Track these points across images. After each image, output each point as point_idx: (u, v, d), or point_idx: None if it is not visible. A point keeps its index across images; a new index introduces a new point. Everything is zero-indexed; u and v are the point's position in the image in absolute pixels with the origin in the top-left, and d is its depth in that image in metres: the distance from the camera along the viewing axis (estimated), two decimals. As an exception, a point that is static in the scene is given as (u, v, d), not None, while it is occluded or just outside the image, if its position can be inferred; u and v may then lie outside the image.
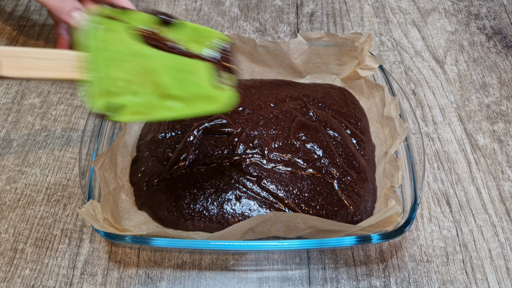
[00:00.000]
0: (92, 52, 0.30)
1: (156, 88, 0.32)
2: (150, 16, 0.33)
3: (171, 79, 0.32)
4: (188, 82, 0.32)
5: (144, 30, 0.32)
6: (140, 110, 0.31)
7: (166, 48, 0.32)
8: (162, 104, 0.32)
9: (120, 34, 0.32)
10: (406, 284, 0.44)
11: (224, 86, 0.33)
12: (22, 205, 0.49)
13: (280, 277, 0.45)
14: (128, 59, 0.32)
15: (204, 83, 0.33)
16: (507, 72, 0.62)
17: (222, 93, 0.33)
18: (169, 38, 0.33)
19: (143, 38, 0.32)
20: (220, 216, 0.45)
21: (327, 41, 0.53)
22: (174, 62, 0.32)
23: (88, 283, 0.44)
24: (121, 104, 0.31)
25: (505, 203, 0.49)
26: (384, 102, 0.50)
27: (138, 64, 0.32)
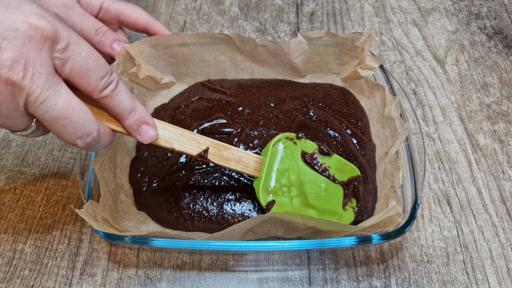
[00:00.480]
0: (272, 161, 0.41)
1: (302, 196, 0.43)
2: (315, 145, 0.45)
3: (314, 193, 0.43)
4: (326, 198, 0.43)
5: (308, 153, 0.45)
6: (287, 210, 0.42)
7: (319, 169, 0.44)
8: (303, 209, 0.43)
9: (293, 153, 0.44)
10: (407, 284, 0.44)
11: (349, 208, 0.44)
12: (21, 205, 0.49)
13: (280, 278, 0.44)
14: (293, 172, 0.43)
15: (337, 202, 0.44)
16: (508, 72, 0.62)
17: (347, 214, 0.44)
18: (322, 163, 0.45)
19: (304, 158, 0.44)
20: (220, 216, 0.45)
21: (327, 40, 0.53)
22: (321, 182, 0.44)
23: (87, 283, 0.44)
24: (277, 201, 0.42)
25: (505, 203, 0.49)
26: (384, 102, 0.50)
27: (296, 177, 0.43)
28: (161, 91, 0.57)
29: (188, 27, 0.68)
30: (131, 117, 0.35)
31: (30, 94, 0.29)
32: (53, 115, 0.30)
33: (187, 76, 0.57)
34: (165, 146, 0.39)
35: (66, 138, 0.32)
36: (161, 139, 0.38)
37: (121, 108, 0.35)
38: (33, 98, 0.29)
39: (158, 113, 0.54)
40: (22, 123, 0.31)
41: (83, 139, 0.33)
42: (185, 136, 0.40)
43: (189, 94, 0.55)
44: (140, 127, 0.36)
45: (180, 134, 0.40)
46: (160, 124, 0.39)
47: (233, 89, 0.56)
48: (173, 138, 0.39)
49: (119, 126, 0.36)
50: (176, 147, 0.39)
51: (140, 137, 0.37)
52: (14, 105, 0.29)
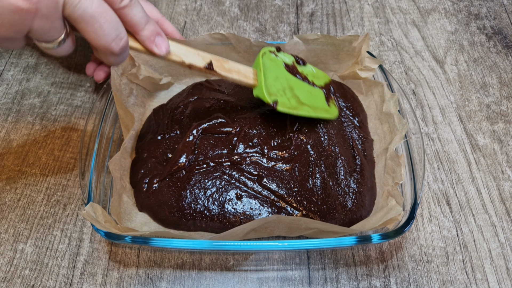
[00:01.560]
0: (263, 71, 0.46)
1: (295, 97, 0.48)
2: (291, 56, 0.51)
3: (303, 95, 0.49)
4: (313, 98, 0.50)
5: (288, 64, 0.50)
6: (290, 107, 0.46)
7: (300, 77, 0.50)
8: (300, 107, 0.48)
9: (277, 64, 0.49)
10: (406, 284, 0.44)
11: (331, 105, 0.51)
12: (22, 205, 0.49)
13: (280, 277, 0.45)
14: (282, 79, 0.48)
15: (322, 101, 0.51)
16: (507, 72, 0.62)
17: (332, 109, 0.51)
18: (301, 71, 0.51)
19: (287, 68, 0.50)
20: (221, 215, 0.45)
21: (323, 42, 0.53)
22: (305, 86, 0.50)
23: (88, 283, 0.44)
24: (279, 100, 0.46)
25: (505, 203, 0.49)
26: (383, 98, 0.50)
27: (286, 83, 0.48)
28: (159, 92, 0.57)
29: (188, 27, 0.68)
30: (148, 28, 0.36)
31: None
32: (91, 13, 0.31)
33: (185, 76, 0.58)
34: (176, 60, 0.40)
35: (102, 39, 0.33)
36: (172, 53, 0.40)
37: (139, 17, 0.35)
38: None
39: (157, 114, 0.54)
40: (58, 28, 0.32)
41: (117, 42, 0.33)
42: (190, 51, 0.42)
43: (188, 94, 0.55)
44: (156, 38, 0.37)
45: (185, 49, 0.41)
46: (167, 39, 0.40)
47: (230, 88, 0.56)
48: (181, 53, 0.41)
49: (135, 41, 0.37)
50: (186, 60, 0.41)
51: (157, 48, 0.38)
52: (54, 3, 0.29)
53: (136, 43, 0.37)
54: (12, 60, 0.63)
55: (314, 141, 0.49)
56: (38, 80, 0.61)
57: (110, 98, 0.50)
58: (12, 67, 0.62)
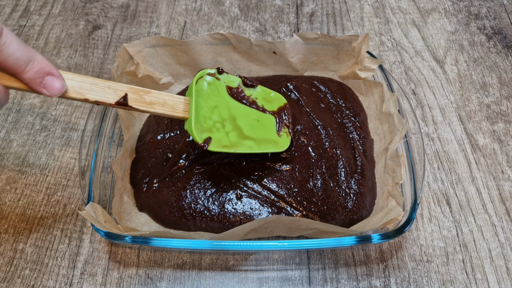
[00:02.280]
0: (198, 100, 0.40)
1: (237, 130, 0.42)
2: (238, 78, 0.45)
3: (248, 125, 0.43)
4: (260, 129, 0.44)
5: (233, 88, 0.44)
6: (226, 144, 0.41)
7: (247, 103, 0.44)
8: (241, 142, 0.42)
9: (218, 88, 0.43)
10: (406, 284, 0.44)
11: (283, 134, 0.46)
12: (22, 205, 0.49)
13: (280, 277, 0.45)
14: (223, 107, 0.42)
15: (271, 131, 0.45)
16: (507, 72, 0.62)
17: (282, 139, 0.45)
18: (249, 95, 0.45)
19: (230, 93, 0.43)
20: (221, 215, 0.45)
21: (323, 41, 0.53)
22: (252, 114, 0.44)
23: (88, 283, 0.44)
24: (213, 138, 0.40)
25: (505, 203, 0.49)
26: (383, 98, 0.50)
27: (227, 112, 0.42)
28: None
29: (188, 27, 0.68)
30: (30, 68, 0.31)
31: None
32: None
33: (185, 76, 0.58)
34: (77, 97, 0.35)
35: None
36: (71, 90, 0.34)
37: (14, 59, 0.30)
38: None
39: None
40: None
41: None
42: (98, 84, 0.36)
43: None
44: (44, 79, 0.31)
45: (91, 83, 0.36)
46: (67, 74, 0.34)
47: None
48: (84, 87, 0.35)
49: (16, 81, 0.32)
50: (90, 97, 0.35)
51: (46, 90, 0.32)
52: None
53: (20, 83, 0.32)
54: (12, 60, 0.63)
55: (315, 143, 0.49)
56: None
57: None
58: (12, 67, 0.62)
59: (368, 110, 0.54)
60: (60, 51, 0.65)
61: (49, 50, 0.65)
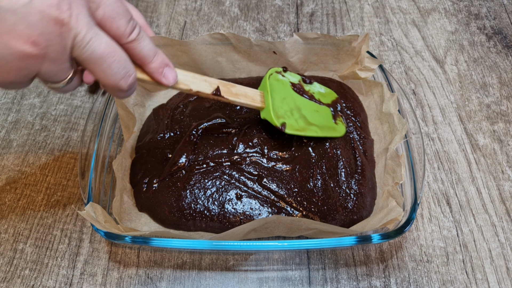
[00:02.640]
0: (270, 93, 0.47)
1: (303, 118, 0.48)
2: (298, 76, 0.52)
3: (310, 114, 0.49)
4: (320, 117, 0.50)
5: (295, 83, 0.51)
6: (298, 128, 0.47)
7: (307, 96, 0.51)
8: (308, 127, 0.48)
9: (284, 84, 0.49)
10: (406, 284, 0.44)
11: (339, 122, 0.51)
12: (22, 205, 0.49)
13: (280, 277, 0.45)
14: (289, 99, 0.48)
15: (329, 120, 0.51)
16: (507, 72, 0.62)
17: (339, 126, 0.51)
18: (307, 90, 0.51)
19: (294, 88, 0.50)
20: (221, 215, 0.45)
21: (323, 41, 0.53)
22: (312, 106, 0.50)
23: (88, 283, 0.44)
24: (287, 122, 0.46)
25: (505, 203, 0.49)
26: (383, 98, 0.50)
27: (293, 103, 0.49)
28: (159, 92, 0.57)
29: (188, 27, 0.68)
30: (156, 59, 0.36)
31: (77, 34, 0.29)
32: (100, 54, 0.31)
33: None
34: (184, 88, 0.41)
35: (111, 78, 0.33)
36: (180, 82, 0.40)
37: (147, 50, 0.35)
38: (80, 38, 0.29)
39: (157, 114, 0.54)
40: (66, 69, 0.32)
41: (126, 80, 0.33)
42: (197, 78, 0.42)
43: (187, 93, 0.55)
44: (164, 69, 0.37)
45: (192, 76, 0.41)
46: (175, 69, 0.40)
47: None
48: (188, 80, 0.41)
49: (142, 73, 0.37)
50: (193, 87, 0.41)
51: (165, 79, 0.38)
52: (62, 46, 0.29)
53: (144, 75, 0.37)
54: (12, 60, 0.63)
55: (315, 143, 0.49)
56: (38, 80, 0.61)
57: (110, 98, 0.50)
58: (12, 67, 0.62)
59: (368, 110, 0.54)
60: (60, 51, 0.65)
61: (49, 50, 0.65)
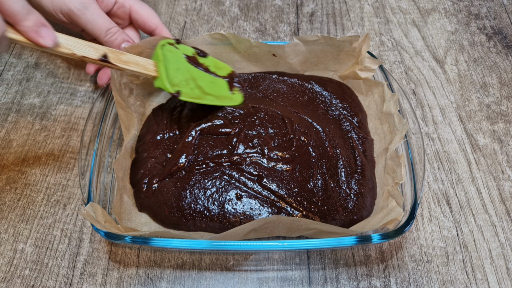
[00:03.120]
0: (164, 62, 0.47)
1: (199, 88, 0.50)
2: (192, 49, 0.52)
3: (206, 85, 0.51)
4: (216, 88, 0.52)
5: (189, 56, 0.51)
6: (193, 97, 0.48)
7: (202, 68, 0.52)
8: (204, 96, 0.50)
9: (177, 55, 0.50)
10: (406, 284, 0.44)
11: (235, 92, 0.54)
12: (22, 205, 0.49)
13: (280, 277, 0.45)
14: (184, 70, 0.49)
15: (225, 90, 0.53)
16: (507, 72, 0.62)
17: (236, 96, 0.53)
18: (202, 63, 0.52)
19: (188, 60, 0.51)
20: (221, 215, 0.45)
21: (324, 43, 0.53)
22: (207, 77, 0.52)
23: (88, 283, 0.44)
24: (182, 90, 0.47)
25: (505, 203, 0.49)
26: (383, 98, 0.50)
27: (188, 74, 0.50)
28: (159, 92, 0.57)
29: (188, 27, 0.68)
30: (30, 18, 0.34)
31: None
32: None
33: None
34: (65, 52, 0.39)
35: None
36: (61, 45, 0.38)
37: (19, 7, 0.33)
38: None
39: (156, 114, 0.54)
40: None
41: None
42: (81, 43, 0.41)
43: None
44: (40, 29, 0.35)
45: (75, 41, 0.40)
46: None
47: None
48: (71, 45, 0.39)
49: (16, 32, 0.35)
50: (77, 52, 0.39)
51: (43, 39, 0.35)
52: None
53: (18, 35, 0.35)
54: (12, 60, 0.63)
55: (315, 142, 0.49)
56: (38, 80, 0.61)
57: (110, 98, 0.50)
58: (12, 67, 0.62)
59: (368, 110, 0.54)
60: (60, 51, 0.65)
61: (49, 50, 0.65)
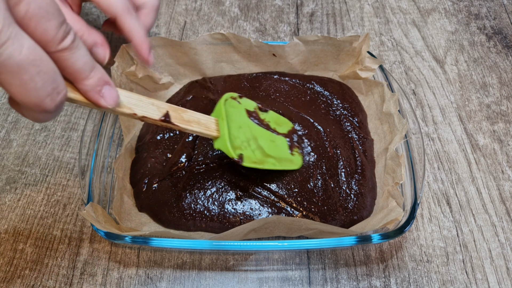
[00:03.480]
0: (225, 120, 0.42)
1: (260, 149, 0.44)
2: (254, 103, 0.48)
3: (267, 145, 0.45)
4: (276, 148, 0.46)
5: (250, 111, 0.47)
6: (255, 161, 0.43)
7: (262, 125, 0.47)
8: (265, 159, 0.44)
9: (240, 111, 0.45)
10: (406, 284, 0.44)
11: (295, 153, 0.48)
12: (22, 205, 0.49)
13: (280, 277, 0.45)
14: (245, 128, 0.44)
15: (285, 151, 0.47)
16: (507, 72, 0.62)
17: (296, 158, 0.48)
18: (263, 119, 0.48)
19: (249, 115, 0.46)
20: (221, 216, 0.45)
21: (324, 43, 0.53)
22: (268, 135, 0.47)
23: (88, 283, 0.44)
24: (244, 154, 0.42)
25: (505, 203, 0.49)
26: (383, 98, 0.50)
27: (250, 132, 0.45)
28: (159, 92, 0.57)
29: (188, 27, 0.68)
30: (93, 75, 0.29)
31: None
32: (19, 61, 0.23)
33: (185, 76, 0.58)
34: (126, 112, 0.35)
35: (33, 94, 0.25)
36: (122, 105, 0.34)
37: (83, 63, 0.28)
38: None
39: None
40: None
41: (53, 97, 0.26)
42: (143, 100, 0.36)
43: (184, 93, 0.55)
44: (103, 87, 0.30)
45: (137, 99, 0.36)
46: None
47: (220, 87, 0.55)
48: (132, 103, 0.35)
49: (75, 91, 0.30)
50: (138, 112, 0.35)
51: (105, 100, 0.30)
52: None
53: (77, 94, 0.30)
54: (12, 60, 0.63)
55: (315, 142, 0.49)
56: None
57: (110, 98, 0.50)
58: (12, 67, 0.62)
59: (368, 110, 0.54)
60: (60, 51, 0.65)
61: (49, 50, 0.65)
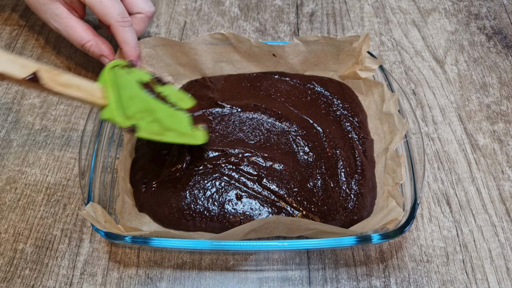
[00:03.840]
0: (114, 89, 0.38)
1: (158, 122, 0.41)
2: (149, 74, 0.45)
3: (166, 119, 0.42)
4: (177, 123, 0.44)
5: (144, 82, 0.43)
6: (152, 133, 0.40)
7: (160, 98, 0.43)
8: (165, 132, 0.42)
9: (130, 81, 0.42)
10: (406, 284, 0.44)
11: (198, 129, 0.45)
12: (22, 205, 0.49)
13: (280, 277, 0.45)
14: (139, 100, 0.41)
15: (186, 126, 0.44)
16: (507, 72, 0.62)
17: (199, 134, 0.45)
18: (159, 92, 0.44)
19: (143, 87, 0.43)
20: (221, 216, 0.45)
21: (324, 43, 0.53)
22: (167, 110, 0.44)
23: (88, 283, 0.44)
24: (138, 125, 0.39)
25: (505, 203, 0.49)
26: (383, 98, 0.50)
27: (144, 104, 0.41)
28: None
29: (188, 27, 0.68)
30: None
31: None
32: None
33: (185, 77, 0.58)
34: None
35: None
36: None
37: None
38: None
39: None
40: None
41: None
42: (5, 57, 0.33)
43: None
44: None
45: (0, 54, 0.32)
46: None
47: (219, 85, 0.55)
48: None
49: None
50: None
51: None
52: None
53: None
54: (12, 60, 0.63)
55: (313, 143, 0.49)
56: (38, 80, 0.61)
57: (110, 98, 0.50)
58: (12, 67, 0.62)
59: (368, 110, 0.54)
60: (60, 51, 0.64)
61: (49, 50, 0.65)
